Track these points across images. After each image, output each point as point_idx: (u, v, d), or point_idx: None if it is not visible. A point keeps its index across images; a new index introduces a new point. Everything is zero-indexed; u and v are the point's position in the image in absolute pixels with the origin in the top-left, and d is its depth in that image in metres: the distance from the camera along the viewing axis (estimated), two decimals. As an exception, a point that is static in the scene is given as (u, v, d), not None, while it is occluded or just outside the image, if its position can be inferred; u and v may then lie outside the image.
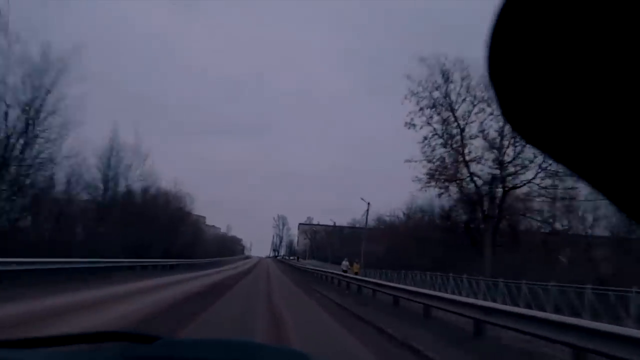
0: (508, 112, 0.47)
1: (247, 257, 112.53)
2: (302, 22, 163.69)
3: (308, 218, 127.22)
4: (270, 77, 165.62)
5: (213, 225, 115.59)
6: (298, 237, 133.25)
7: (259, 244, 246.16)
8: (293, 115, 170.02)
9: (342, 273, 28.50)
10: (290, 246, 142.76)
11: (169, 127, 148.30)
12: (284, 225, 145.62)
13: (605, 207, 22.06)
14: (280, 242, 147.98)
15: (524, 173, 28.71)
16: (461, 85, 29.81)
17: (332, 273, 28.17)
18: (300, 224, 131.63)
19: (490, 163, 29.60)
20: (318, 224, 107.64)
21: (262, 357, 1.47)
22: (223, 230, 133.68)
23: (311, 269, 40.85)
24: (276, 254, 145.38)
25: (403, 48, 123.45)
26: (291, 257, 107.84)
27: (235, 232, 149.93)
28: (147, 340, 1.47)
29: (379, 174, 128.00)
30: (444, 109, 30.45)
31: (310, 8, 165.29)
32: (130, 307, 10.61)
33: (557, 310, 13.54)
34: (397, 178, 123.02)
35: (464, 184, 30.92)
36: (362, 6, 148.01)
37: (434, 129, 30.65)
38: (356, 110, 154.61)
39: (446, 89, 30.14)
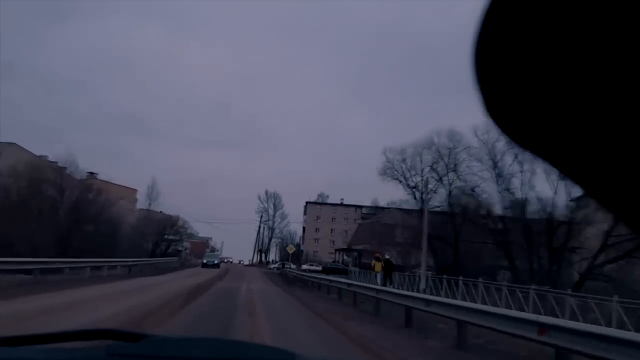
0: (494, 113, 0.45)
1: (173, 270, 35.39)
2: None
3: (320, 196, 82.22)
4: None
5: (161, 211, 56.82)
6: (305, 227, 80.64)
7: (240, 248, 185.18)
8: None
9: None
10: (284, 244, 77.45)
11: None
12: (275, 208, 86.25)
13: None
14: (271, 236, 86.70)
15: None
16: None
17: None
18: (307, 202, 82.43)
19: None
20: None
21: (249, 355, 1.49)
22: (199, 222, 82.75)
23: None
24: (262, 257, 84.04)
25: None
26: (306, 267, 50.90)
27: (211, 234, 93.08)
28: (133, 338, 1.49)
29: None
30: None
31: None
32: None
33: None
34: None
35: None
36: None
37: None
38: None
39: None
